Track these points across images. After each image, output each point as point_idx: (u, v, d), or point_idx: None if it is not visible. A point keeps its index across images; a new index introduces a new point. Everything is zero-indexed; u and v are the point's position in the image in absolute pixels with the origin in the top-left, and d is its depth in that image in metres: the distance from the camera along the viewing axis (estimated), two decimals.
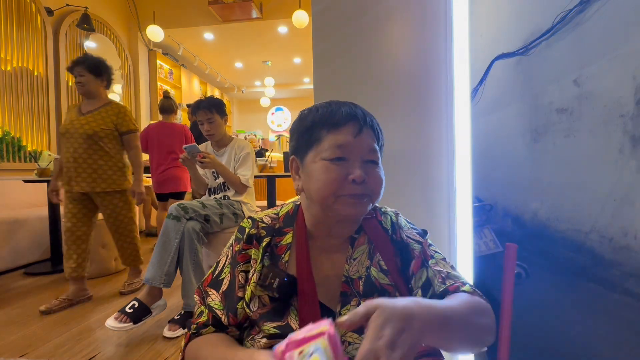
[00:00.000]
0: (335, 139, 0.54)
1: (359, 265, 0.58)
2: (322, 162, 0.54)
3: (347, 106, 0.57)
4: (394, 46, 1.06)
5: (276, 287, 0.53)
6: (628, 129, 0.71)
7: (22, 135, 3.22)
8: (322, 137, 0.55)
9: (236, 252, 0.60)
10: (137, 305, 1.48)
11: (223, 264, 0.62)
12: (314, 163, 0.55)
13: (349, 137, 0.54)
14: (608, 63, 0.76)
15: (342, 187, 0.52)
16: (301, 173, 0.59)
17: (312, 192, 0.55)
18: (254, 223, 0.61)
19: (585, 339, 0.82)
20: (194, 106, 1.93)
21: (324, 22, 1.08)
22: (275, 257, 0.59)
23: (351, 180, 0.52)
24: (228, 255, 0.62)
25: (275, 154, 4.69)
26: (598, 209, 0.78)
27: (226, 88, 8.17)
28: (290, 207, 0.64)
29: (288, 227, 0.61)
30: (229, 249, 0.62)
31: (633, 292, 0.69)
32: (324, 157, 0.54)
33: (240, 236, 0.61)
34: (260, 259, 0.58)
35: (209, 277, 0.62)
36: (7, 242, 2.50)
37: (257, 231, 0.60)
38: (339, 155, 0.53)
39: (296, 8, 4.00)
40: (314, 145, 0.56)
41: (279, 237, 0.60)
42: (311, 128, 0.56)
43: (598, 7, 0.78)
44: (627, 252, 0.71)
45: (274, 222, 0.62)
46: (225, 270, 0.61)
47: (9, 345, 1.45)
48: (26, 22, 3.29)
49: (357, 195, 0.53)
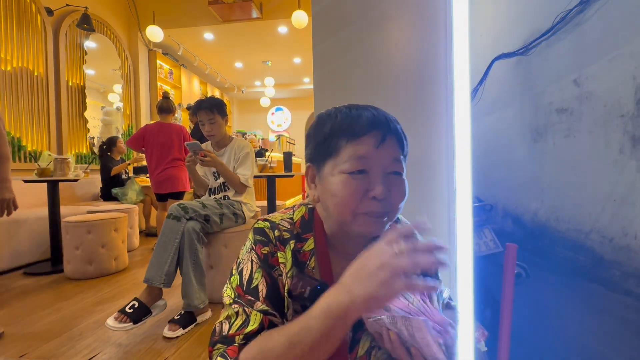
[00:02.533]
0: (355, 149, 0.50)
1: None
2: (340, 176, 0.50)
3: (370, 112, 0.52)
4: (394, 46, 1.06)
5: (308, 296, 0.50)
6: (628, 129, 0.71)
7: (22, 135, 3.22)
8: (341, 148, 0.51)
9: (266, 254, 0.54)
10: (137, 305, 1.48)
11: (250, 270, 0.54)
12: (332, 176, 0.52)
13: (371, 148, 0.50)
14: (608, 63, 0.76)
15: (361, 203, 0.50)
16: (318, 183, 0.56)
17: (329, 207, 0.53)
18: (274, 225, 0.57)
19: (585, 339, 0.82)
20: (194, 107, 1.93)
21: (324, 22, 1.08)
22: (300, 263, 0.56)
23: (371, 197, 0.49)
24: (253, 260, 0.55)
25: (275, 154, 4.70)
26: (598, 209, 0.78)
27: (226, 88, 8.17)
28: (304, 212, 0.60)
29: (307, 232, 0.58)
30: (250, 253, 0.55)
31: (633, 292, 0.69)
32: (343, 170, 0.50)
33: (263, 238, 0.56)
34: (291, 263, 0.54)
35: (239, 292, 0.53)
36: (7, 242, 2.50)
37: (280, 233, 0.56)
38: (359, 167, 0.50)
39: (296, 8, 4.00)
40: (332, 155, 0.52)
41: (300, 242, 0.57)
42: (329, 137, 0.52)
43: (598, 7, 0.78)
44: (627, 252, 0.71)
45: (292, 227, 0.58)
46: (256, 276, 0.53)
47: (9, 345, 1.45)
48: (26, 22, 3.29)
49: (375, 213, 0.50)
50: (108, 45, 4.44)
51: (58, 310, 1.82)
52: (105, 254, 2.43)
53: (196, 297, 1.58)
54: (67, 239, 2.38)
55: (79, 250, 2.35)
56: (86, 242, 2.36)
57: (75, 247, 2.35)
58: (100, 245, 2.40)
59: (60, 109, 3.66)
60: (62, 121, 3.68)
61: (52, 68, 3.58)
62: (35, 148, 3.34)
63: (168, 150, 2.81)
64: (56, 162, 2.57)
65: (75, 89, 3.90)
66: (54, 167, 2.57)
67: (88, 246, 2.36)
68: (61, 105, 3.67)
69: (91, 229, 2.38)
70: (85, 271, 2.36)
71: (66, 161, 2.61)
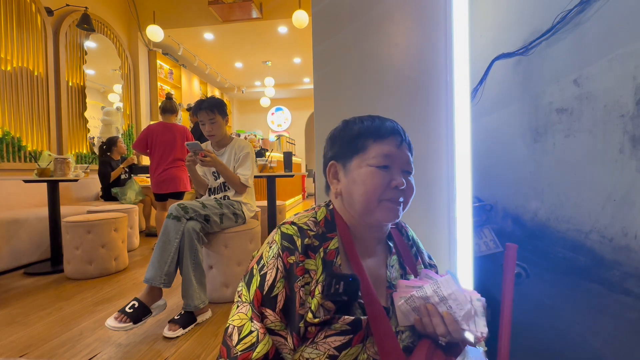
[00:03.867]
0: (381, 148, 0.60)
1: (396, 272, 0.65)
2: (368, 168, 0.59)
3: (390, 121, 0.64)
4: (394, 46, 1.06)
5: (343, 290, 0.54)
6: (628, 129, 0.71)
7: (22, 135, 3.22)
8: (369, 146, 0.61)
9: (292, 264, 0.56)
10: (137, 305, 1.48)
11: (273, 277, 0.55)
12: (360, 168, 0.60)
13: (393, 147, 0.61)
14: (608, 63, 0.76)
15: (385, 191, 0.59)
16: (342, 177, 0.64)
17: (355, 196, 0.60)
18: (303, 232, 0.58)
19: (585, 339, 0.82)
20: (194, 107, 1.93)
21: (324, 22, 1.08)
22: (327, 262, 0.58)
23: (393, 186, 0.59)
24: (278, 268, 0.55)
25: (275, 154, 4.70)
26: (598, 209, 0.78)
27: (226, 88, 8.17)
28: (326, 213, 0.64)
29: (331, 232, 0.62)
30: (276, 260, 0.56)
31: (633, 292, 0.69)
32: (371, 164, 0.59)
33: (290, 246, 0.57)
34: (322, 270, 0.57)
35: (258, 295, 0.55)
36: (7, 242, 2.50)
37: (310, 241, 0.58)
38: (385, 163, 0.60)
39: (296, 8, 4.00)
40: (360, 152, 0.61)
41: (325, 242, 0.60)
42: (357, 137, 0.62)
43: (598, 7, 0.78)
44: (627, 252, 0.71)
45: (317, 227, 0.61)
46: (278, 285, 0.55)
47: (9, 345, 1.45)
48: (26, 22, 3.29)
49: (396, 200, 0.59)
50: (108, 45, 4.44)
51: (58, 310, 1.82)
52: (105, 254, 2.43)
53: (196, 297, 1.58)
54: (67, 239, 2.38)
55: (79, 250, 2.35)
56: (86, 242, 2.36)
57: (75, 247, 2.35)
58: (100, 245, 2.40)
59: (60, 109, 3.66)
60: (62, 121, 3.68)
61: (52, 68, 3.58)
62: (35, 148, 3.34)
63: (170, 150, 2.83)
64: (56, 162, 2.57)
65: (75, 89, 3.90)
66: (54, 167, 2.57)
67: (88, 246, 2.36)
68: (61, 105, 3.67)
69: (91, 229, 2.38)
70: (85, 271, 2.36)
71: (66, 161, 2.61)
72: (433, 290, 0.54)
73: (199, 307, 1.59)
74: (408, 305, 0.57)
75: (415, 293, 0.55)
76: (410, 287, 0.58)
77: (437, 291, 0.53)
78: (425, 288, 0.55)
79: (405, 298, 0.57)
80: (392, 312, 0.61)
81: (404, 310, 0.57)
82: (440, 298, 0.53)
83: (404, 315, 0.58)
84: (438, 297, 0.53)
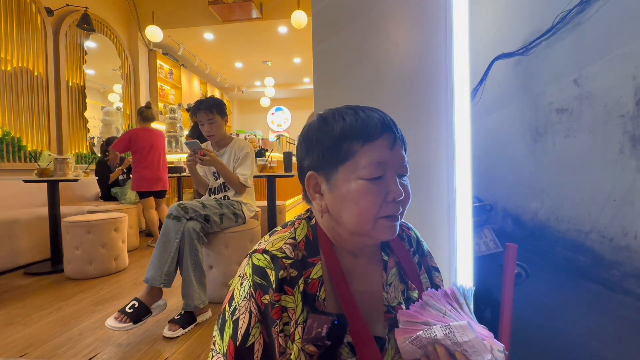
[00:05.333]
0: (372, 154, 0.47)
1: (395, 290, 0.56)
2: (359, 182, 0.47)
3: (377, 113, 0.50)
4: (394, 46, 1.06)
5: (325, 335, 0.46)
6: (628, 129, 0.71)
7: (22, 135, 3.22)
8: (356, 152, 0.48)
9: (266, 305, 0.47)
10: (137, 305, 1.48)
11: (247, 324, 0.46)
12: (348, 182, 0.48)
13: (386, 150, 0.48)
14: (608, 63, 0.76)
15: (382, 208, 0.48)
16: (326, 192, 0.51)
17: (346, 216, 0.49)
18: (277, 262, 0.49)
19: (585, 339, 0.82)
20: (194, 107, 1.93)
21: (324, 22, 1.08)
22: (309, 296, 0.49)
23: (391, 200, 0.48)
24: (252, 311, 0.47)
25: (275, 154, 4.70)
26: (598, 209, 0.78)
27: (226, 88, 8.17)
28: (307, 230, 0.54)
29: (313, 256, 0.52)
30: (248, 301, 0.47)
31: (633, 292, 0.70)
32: (362, 176, 0.47)
33: (263, 282, 0.47)
34: (301, 308, 0.48)
35: (230, 347, 0.46)
36: (7, 242, 2.50)
37: (286, 273, 0.49)
38: (378, 173, 0.47)
39: (296, 8, 4.00)
40: (347, 160, 0.48)
41: (307, 270, 0.51)
42: (340, 140, 0.48)
43: (598, 7, 0.78)
44: (627, 252, 0.71)
45: (297, 251, 0.51)
46: (253, 332, 0.46)
47: (9, 345, 1.45)
48: (26, 22, 3.29)
49: (394, 216, 0.49)
50: (108, 45, 4.44)
51: (58, 310, 1.82)
52: (105, 254, 2.43)
53: (196, 297, 1.58)
54: (67, 239, 2.38)
55: (79, 250, 2.35)
56: (86, 242, 2.36)
57: (75, 247, 2.35)
58: (100, 245, 2.40)
59: (60, 109, 3.66)
60: (62, 121, 3.68)
61: (52, 68, 3.58)
62: (35, 148, 3.34)
63: (159, 153, 3.16)
64: (56, 162, 2.57)
65: (75, 89, 3.90)
66: (54, 167, 2.57)
67: (88, 246, 2.36)
68: (61, 105, 3.67)
69: (91, 229, 2.38)
70: (85, 271, 2.36)
71: (66, 161, 2.61)
72: (445, 334, 0.44)
73: (199, 307, 1.59)
74: (413, 345, 0.47)
75: (422, 334, 0.45)
76: (413, 323, 0.48)
77: (449, 336, 0.43)
78: (434, 330, 0.44)
79: (409, 339, 0.47)
80: (388, 344, 0.53)
81: (409, 350, 0.49)
82: (454, 342, 0.44)
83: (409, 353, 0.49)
84: (451, 341, 0.44)
